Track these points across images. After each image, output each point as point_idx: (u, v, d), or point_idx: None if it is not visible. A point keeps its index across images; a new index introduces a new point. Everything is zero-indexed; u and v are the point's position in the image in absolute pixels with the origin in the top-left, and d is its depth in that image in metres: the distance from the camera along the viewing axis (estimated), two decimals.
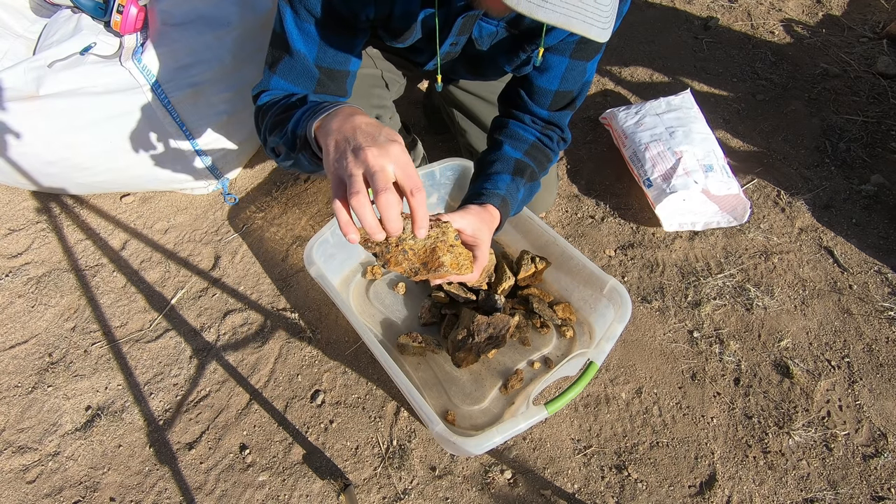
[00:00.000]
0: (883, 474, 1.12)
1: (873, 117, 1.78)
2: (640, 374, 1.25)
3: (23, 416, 1.18)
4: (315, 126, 0.68)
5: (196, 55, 1.30)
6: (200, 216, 1.52)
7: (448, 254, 0.71)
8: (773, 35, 2.07)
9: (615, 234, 1.50)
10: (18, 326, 1.31)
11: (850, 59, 1.97)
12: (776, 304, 1.36)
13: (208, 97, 1.35)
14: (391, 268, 0.69)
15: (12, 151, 1.31)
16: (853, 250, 1.47)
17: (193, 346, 1.28)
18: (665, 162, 1.45)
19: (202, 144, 1.41)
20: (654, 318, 1.34)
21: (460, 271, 0.73)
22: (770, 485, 1.10)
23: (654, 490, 1.10)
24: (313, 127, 0.68)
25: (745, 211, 1.43)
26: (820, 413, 1.20)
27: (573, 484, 1.10)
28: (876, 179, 1.61)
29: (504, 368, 1.17)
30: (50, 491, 1.09)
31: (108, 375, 1.24)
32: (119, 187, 1.50)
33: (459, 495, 1.09)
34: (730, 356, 1.27)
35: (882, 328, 1.32)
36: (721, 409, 1.20)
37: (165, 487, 1.10)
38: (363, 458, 1.13)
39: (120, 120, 1.30)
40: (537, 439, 1.16)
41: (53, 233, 1.48)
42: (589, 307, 1.18)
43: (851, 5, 2.18)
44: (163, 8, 1.31)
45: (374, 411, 1.19)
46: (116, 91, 1.27)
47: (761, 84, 1.89)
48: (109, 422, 1.17)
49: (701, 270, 1.42)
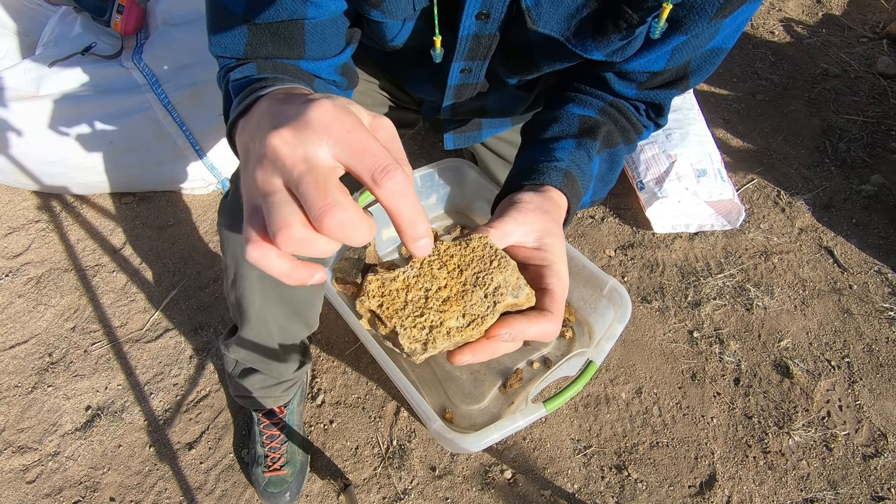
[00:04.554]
0: (883, 474, 1.12)
1: (873, 117, 1.78)
2: (640, 374, 1.24)
3: (23, 416, 1.18)
4: (236, 131, 0.40)
5: (196, 55, 1.30)
6: (200, 216, 1.52)
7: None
8: (773, 35, 2.07)
9: (615, 234, 1.50)
10: (18, 326, 1.31)
11: (850, 59, 1.97)
12: (776, 304, 1.36)
13: (208, 97, 1.35)
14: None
15: (12, 151, 1.31)
16: (853, 250, 1.47)
17: (193, 346, 1.28)
18: (659, 165, 1.46)
19: (202, 144, 1.41)
20: (654, 318, 1.33)
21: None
22: (770, 485, 1.10)
23: (654, 490, 1.10)
24: (235, 132, 0.40)
25: (740, 215, 1.44)
26: (820, 413, 1.20)
27: (573, 484, 1.10)
28: (876, 179, 1.61)
29: (503, 368, 1.17)
30: (50, 491, 1.09)
31: (108, 375, 1.24)
32: (119, 187, 1.50)
33: (459, 495, 1.09)
34: (730, 356, 1.27)
35: (882, 328, 1.32)
36: (721, 409, 1.20)
37: (165, 487, 1.10)
38: (363, 458, 1.13)
39: (120, 120, 1.30)
40: (537, 439, 1.16)
41: (53, 233, 1.48)
42: (589, 307, 1.18)
43: (851, 5, 2.18)
44: (163, 8, 1.31)
45: (374, 411, 1.19)
46: (116, 91, 1.27)
47: (761, 84, 1.89)
48: (109, 422, 1.17)
49: (701, 270, 1.42)
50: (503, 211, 0.47)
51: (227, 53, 0.53)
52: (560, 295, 0.42)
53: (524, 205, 0.47)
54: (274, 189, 0.30)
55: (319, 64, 0.56)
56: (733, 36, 0.56)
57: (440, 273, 0.39)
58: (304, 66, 0.55)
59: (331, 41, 0.56)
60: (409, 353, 0.37)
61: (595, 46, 0.53)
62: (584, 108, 0.62)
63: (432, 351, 0.37)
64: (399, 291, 0.38)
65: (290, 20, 0.52)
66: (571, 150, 0.56)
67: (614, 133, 0.62)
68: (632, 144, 0.66)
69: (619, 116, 0.63)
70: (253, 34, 0.52)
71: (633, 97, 0.63)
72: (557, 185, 0.52)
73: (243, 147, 0.36)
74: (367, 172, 0.30)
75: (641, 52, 0.56)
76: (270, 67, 0.53)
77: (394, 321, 0.37)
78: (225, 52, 0.53)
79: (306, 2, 0.51)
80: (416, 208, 0.31)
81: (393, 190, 0.30)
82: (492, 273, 0.39)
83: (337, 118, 0.31)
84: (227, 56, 0.54)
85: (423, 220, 0.32)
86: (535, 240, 0.45)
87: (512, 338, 0.39)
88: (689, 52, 0.56)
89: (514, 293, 0.39)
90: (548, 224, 0.46)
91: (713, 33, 0.54)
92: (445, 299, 0.38)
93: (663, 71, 0.59)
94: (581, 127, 0.59)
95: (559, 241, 0.45)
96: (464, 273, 0.40)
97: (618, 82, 0.61)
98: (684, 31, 0.51)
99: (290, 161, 0.30)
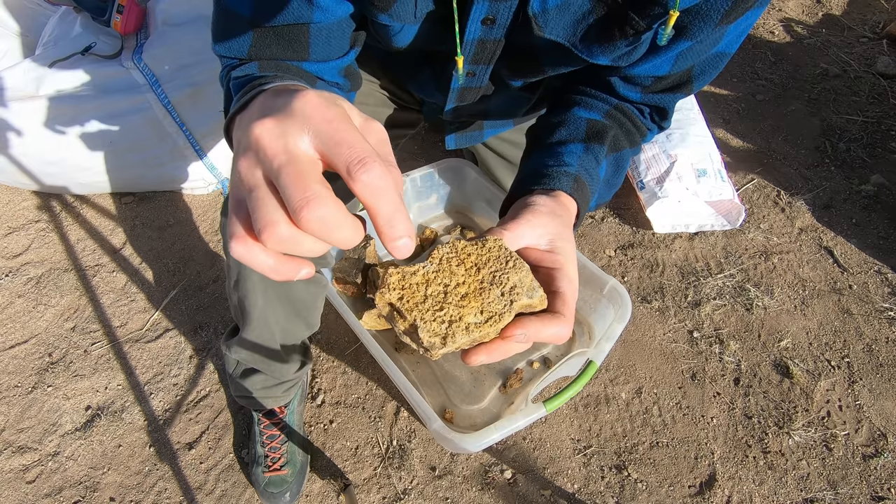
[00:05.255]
0: (883, 474, 1.12)
1: (873, 117, 1.78)
2: (640, 374, 1.24)
3: (23, 416, 1.18)
4: (233, 127, 0.40)
5: (196, 55, 1.30)
6: (200, 216, 1.52)
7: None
8: (773, 35, 2.07)
9: (615, 234, 1.50)
10: (18, 326, 1.31)
11: (850, 59, 1.97)
12: (776, 304, 1.36)
13: (208, 97, 1.35)
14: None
15: (12, 151, 1.31)
16: (853, 250, 1.47)
17: (193, 346, 1.28)
18: (659, 165, 1.46)
19: (202, 144, 1.41)
20: (654, 318, 1.34)
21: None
22: (770, 485, 1.10)
23: (654, 490, 1.10)
24: (232, 129, 0.41)
25: (740, 215, 1.44)
26: (820, 413, 1.20)
27: (573, 484, 1.10)
28: (876, 179, 1.61)
29: (503, 367, 1.17)
30: (50, 491, 1.09)
31: (108, 375, 1.24)
32: (119, 187, 1.51)
33: (459, 495, 1.09)
34: (730, 356, 1.27)
35: (882, 328, 1.32)
36: (721, 409, 1.20)
37: (165, 487, 1.10)
38: (363, 458, 1.13)
39: (120, 120, 1.30)
40: (537, 439, 1.16)
41: (53, 232, 1.48)
42: (588, 307, 1.18)
43: (851, 5, 2.18)
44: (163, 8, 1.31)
45: (374, 411, 1.19)
46: (116, 91, 1.27)
47: (761, 84, 1.89)
48: (109, 422, 1.17)
49: (701, 270, 1.42)
50: (516, 213, 0.47)
51: (230, 53, 0.54)
52: (571, 298, 0.42)
53: (537, 208, 0.47)
54: (256, 183, 0.29)
55: (323, 66, 0.56)
56: (737, 41, 0.57)
57: (458, 270, 0.40)
58: (307, 67, 0.55)
59: (335, 44, 0.56)
60: (428, 347, 0.37)
61: (601, 52, 0.53)
62: (590, 111, 0.62)
63: (451, 346, 0.37)
64: (419, 286, 0.38)
65: (295, 23, 0.51)
66: (580, 155, 0.57)
67: (620, 137, 0.62)
68: (636, 147, 0.67)
69: (624, 120, 0.63)
70: (258, 36, 0.52)
71: (637, 101, 0.64)
72: (567, 191, 0.52)
73: (236, 141, 0.36)
74: (343, 164, 0.28)
75: (646, 56, 0.56)
76: (273, 67, 0.53)
77: (413, 314, 0.37)
78: (229, 52, 0.54)
79: (313, 6, 0.50)
80: (395, 206, 0.29)
81: (369, 184, 0.28)
82: (507, 273, 0.40)
83: (319, 108, 0.30)
84: (231, 56, 0.54)
85: (403, 218, 0.30)
86: (547, 242, 0.45)
87: (527, 339, 0.39)
88: (694, 58, 0.56)
89: (529, 294, 0.40)
90: (559, 228, 0.46)
91: (717, 39, 0.54)
92: (464, 295, 0.39)
93: (668, 75, 0.59)
94: (588, 131, 0.59)
95: (570, 245, 0.46)
96: (481, 271, 0.40)
97: (623, 86, 0.61)
98: (689, 37, 0.51)
99: (272, 151, 0.29)
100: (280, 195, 0.29)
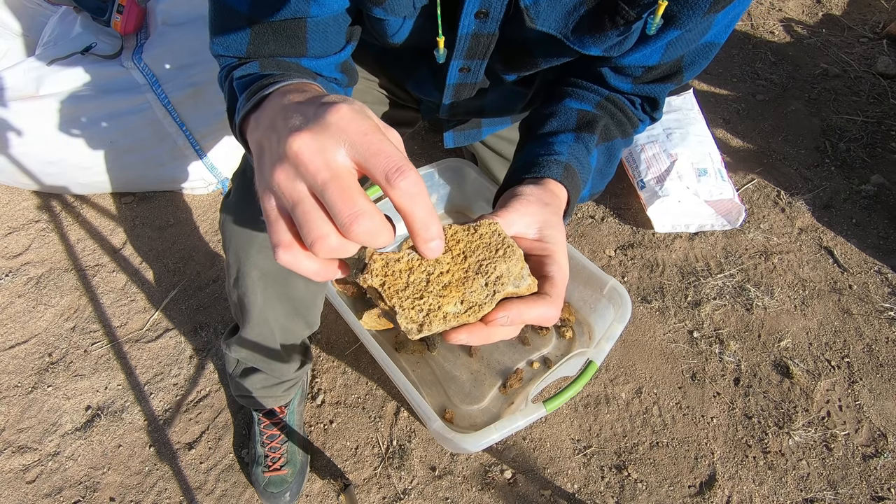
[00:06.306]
0: (883, 474, 1.12)
1: (873, 117, 1.78)
2: (640, 374, 1.24)
3: (23, 416, 1.18)
4: (247, 127, 0.42)
5: (196, 55, 1.30)
6: (200, 216, 1.52)
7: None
8: (773, 35, 2.07)
9: (615, 234, 1.50)
10: (18, 326, 1.31)
11: (850, 59, 1.97)
12: (776, 304, 1.36)
13: (208, 97, 1.35)
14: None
15: (12, 151, 1.31)
16: (853, 250, 1.47)
17: (193, 346, 1.28)
18: (659, 164, 1.46)
19: (202, 144, 1.41)
20: (654, 318, 1.34)
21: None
22: (770, 485, 1.10)
23: (654, 490, 1.10)
24: (246, 128, 0.43)
25: (740, 215, 1.44)
26: (820, 413, 1.20)
27: (573, 484, 1.10)
28: (876, 179, 1.61)
29: (503, 368, 1.17)
30: (50, 491, 1.09)
31: (108, 375, 1.24)
32: (119, 187, 1.50)
33: (459, 495, 1.09)
34: (730, 356, 1.27)
35: (882, 328, 1.32)
36: (721, 409, 1.20)
37: (165, 487, 1.10)
38: (363, 458, 1.13)
39: (120, 120, 1.30)
40: (537, 439, 1.16)
41: (53, 233, 1.48)
42: (588, 307, 1.18)
43: (851, 5, 2.18)
44: (163, 8, 1.31)
45: (374, 411, 1.19)
46: (116, 91, 1.27)
47: (761, 84, 1.89)
48: (109, 422, 1.17)
49: (701, 270, 1.42)
50: (504, 203, 0.47)
51: (229, 52, 0.54)
52: (560, 281, 0.42)
53: (525, 197, 0.47)
54: (300, 197, 0.32)
55: (320, 61, 0.56)
56: (725, 31, 0.58)
57: (444, 258, 0.40)
58: (305, 63, 0.56)
59: (332, 39, 0.56)
60: (406, 332, 0.38)
61: (592, 42, 0.54)
62: (581, 102, 0.63)
63: (427, 332, 0.37)
64: (402, 273, 0.39)
65: (293, 18, 0.52)
66: (570, 144, 0.57)
67: (611, 127, 0.63)
68: (628, 138, 0.67)
69: (615, 110, 0.64)
70: (255, 33, 0.52)
71: (628, 91, 0.64)
72: (557, 178, 0.53)
73: (257, 144, 0.37)
74: (381, 173, 0.31)
75: (636, 47, 0.57)
76: (273, 65, 0.53)
77: (393, 301, 0.38)
78: (227, 51, 0.54)
79: (310, 0, 0.51)
80: (428, 210, 0.32)
81: (407, 190, 0.31)
82: (495, 262, 0.40)
83: (354, 121, 0.32)
84: (229, 55, 0.54)
85: (435, 221, 0.33)
86: (536, 231, 0.45)
87: (510, 321, 0.39)
88: (683, 47, 0.57)
89: (516, 283, 0.40)
90: (548, 216, 0.47)
91: (706, 28, 0.55)
92: (446, 284, 0.39)
93: (658, 65, 0.60)
94: (579, 121, 0.60)
95: (560, 233, 0.46)
96: (468, 259, 0.40)
97: (613, 77, 0.62)
98: (678, 26, 0.52)
99: (313, 167, 0.31)
100: (325, 208, 0.31)
